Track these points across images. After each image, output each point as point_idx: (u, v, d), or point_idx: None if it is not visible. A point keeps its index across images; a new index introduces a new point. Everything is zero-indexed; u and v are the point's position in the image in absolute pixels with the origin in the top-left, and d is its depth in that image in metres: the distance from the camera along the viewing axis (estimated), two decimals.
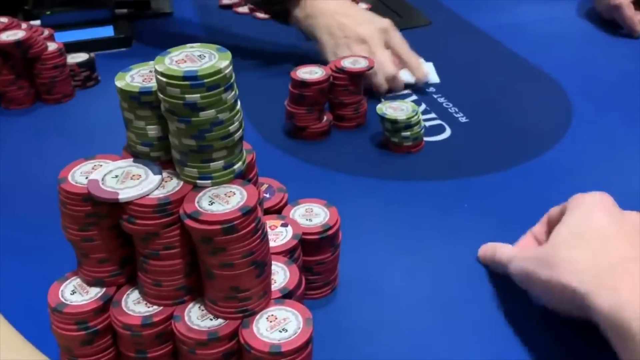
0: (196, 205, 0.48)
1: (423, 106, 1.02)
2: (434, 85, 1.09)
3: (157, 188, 0.49)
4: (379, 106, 0.89)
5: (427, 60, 1.13)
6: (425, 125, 0.92)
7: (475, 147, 0.92)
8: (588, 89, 1.06)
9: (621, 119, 0.98)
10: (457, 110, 1.01)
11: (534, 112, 1.00)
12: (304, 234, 0.62)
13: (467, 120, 0.98)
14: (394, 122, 0.87)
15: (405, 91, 1.06)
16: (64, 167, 0.53)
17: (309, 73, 0.90)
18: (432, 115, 1.00)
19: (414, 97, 1.05)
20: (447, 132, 0.95)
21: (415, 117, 0.88)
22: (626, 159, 0.88)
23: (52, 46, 1.03)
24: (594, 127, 0.96)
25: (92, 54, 1.11)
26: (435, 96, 1.06)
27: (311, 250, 0.63)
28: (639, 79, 1.09)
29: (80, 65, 1.08)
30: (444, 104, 1.03)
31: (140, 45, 1.26)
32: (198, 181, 0.50)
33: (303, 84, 0.88)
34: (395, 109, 0.88)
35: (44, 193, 0.76)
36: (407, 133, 0.87)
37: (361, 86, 0.94)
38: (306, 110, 0.91)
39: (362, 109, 0.96)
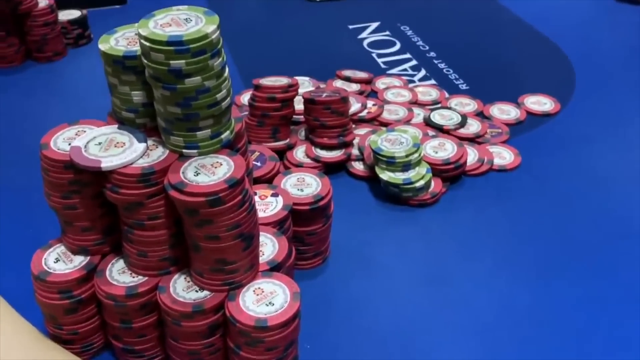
0: (181, 175, 0.46)
1: (423, 72, 1.00)
2: (434, 50, 1.06)
3: (141, 157, 0.48)
4: (372, 138, 0.76)
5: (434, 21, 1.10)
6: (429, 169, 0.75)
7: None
8: (592, 57, 1.03)
9: (624, 87, 0.95)
10: (457, 76, 0.99)
11: (536, 81, 0.98)
12: (295, 204, 0.61)
13: (467, 87, 0.96)
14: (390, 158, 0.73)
15: (405, 55, 1.04)
16: (51, 128, 0.51)
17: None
18: (432, 81, 0.97)
19: (414, 61, 1.03)
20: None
21: (416, 153, 0.73)
22: (629, 128, 0.86)
23: (42, 2, 1.00)
24: (596, 96, 0.93)
25: (85, 11, 1.08)
26: (435, 62, 1.03)
27: (302, 221, 0.62)
28: None
29: (72, 22, 1.06)
30: (444, 70, 1.00)
31: (136, 1, 1.22)
32: (184, 150, 0.48)
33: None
34: (393, 142, 0.74)
35: (30, 156, 0.74)
36: (409, 193, 0.73)
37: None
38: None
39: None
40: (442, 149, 0.76)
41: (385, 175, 0.72)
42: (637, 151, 0.82)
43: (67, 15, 1.06)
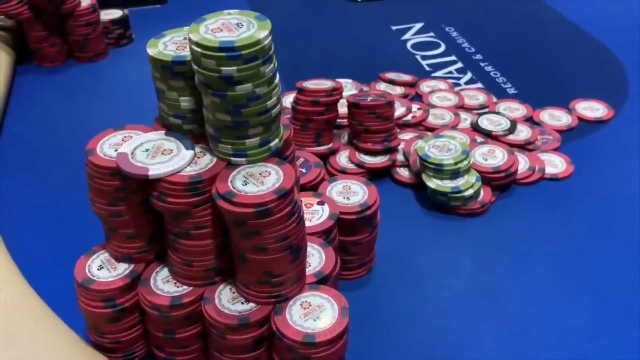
0: (229, 185, 0.45)
1: (469, 75, 0.97)
2: (480, 52, 1.03)
3: (189, 164, 0.46)
4: (419, 144, 0.74)
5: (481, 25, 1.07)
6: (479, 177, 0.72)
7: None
8: None
9: None
10: (505, 80, 0.96)
11: (588, 86, 0.94)
12: (341, 213, 0.59)
13: (515, 91, 0.93)
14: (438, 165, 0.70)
15: (450, 57, 1.01)
16: (94, 130, 0.50)
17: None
18: (479, 85, 0.95)
19: (460, 64, 1.00)
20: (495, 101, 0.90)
21: (466, 161, 0.71)
22: None
23: (85, 2, 1.00)
24: None
25: (126, 11, 1.08)
26: (482, 64, 1.00)
27: (348, 230, 0.60)
28: None
29: (113, 22, 1.05)
30: (492, 73, 0.98)
31: (176, 1, 1.22)
32: (232, 158, 0.47)
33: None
34: (441, 149, 0.72)
35: (74, 157, 0.74)
36: (457, 202, 0.70)
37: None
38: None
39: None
40: (492, 156, 0.74)
41: (433, 183, 0.70)
42: None
43: (109, 15, 1.06)
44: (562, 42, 1.07)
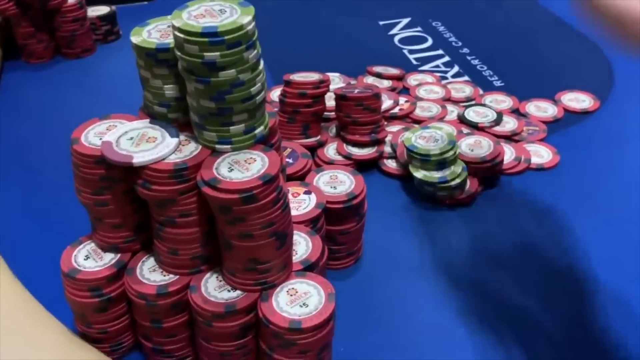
0: (214, 171, 0.45)
1: (456, 68, 0.97)
2: (467, 46, 1.04)
3: (173, 152, 0.46)
4: (406, 135, 0.74)
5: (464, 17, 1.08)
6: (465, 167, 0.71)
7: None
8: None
9: None
10: (491, 73, 0.96)
11: (573, 78, 0.95)
12: (328, 202, 0.59)
13: (502, 84, 0.94)
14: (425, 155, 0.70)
15: (437, 51, 1.02)
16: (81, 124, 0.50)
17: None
18: (466, 78, 0.95)
19: (447, 58, 1.00)
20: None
21: (452, 151, 0.70)
22: None
23: None
24: (636, 93, 0.90)
25: (114, 7, 1.08)
26: (469, 58, 1.01)
27: (335, 220, 0.60)
28: None
29: (101, 18, 1.05)
30: (478, 67, 0.98)
31: None
32: (217, 146, 0.47)
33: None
34: (427, 140, 0.72)
35: (61, 151, 0.73)
36: (445, 192, 0.70)
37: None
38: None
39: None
40: (478, 147, 0.74)
41: (420, 174, 0.70)
42: None
43: (96, 11, 1.06)
44: (547, 35, 1.08)
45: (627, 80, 0.93)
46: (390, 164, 0.77)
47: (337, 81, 0.90)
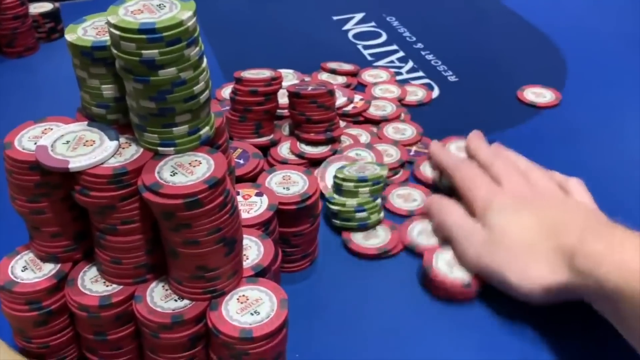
0: (156, 176, 0.43)
1: (410, 64, 0.96)
2: (421, 41, 1.03)
3: (112, 156, 0.44)
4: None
5: None
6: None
7: (465, 108, 0.87)
8: (582, 47, 1.01)
9: (617, 79, 0.93)
10: (446, 68, 0.96)
11: (526, 71, 0.95)
12: (281, 203, 0.57)
13: (456, 79, 0.93)
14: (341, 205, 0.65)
15: (391, 47, 1.01)
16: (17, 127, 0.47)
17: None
18: (420, 73, 0.94)
19: (401, 53, 0.99)
20: (436, 92, 0.90)
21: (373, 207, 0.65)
22: (623, 121, 0.84)
23: None
24: (588, 87, 0.91)
25: (57, 4, 1.03)
26: (423, 53, 1.00)
27: (289, 221, 0.59)
28: (637, 36, 1.04)
29: (44, 15, 1.01)
30: (432, 62, 0.97)
31: None
32: (159, 148, 0.44)
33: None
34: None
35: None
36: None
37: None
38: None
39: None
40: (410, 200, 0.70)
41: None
42: (634, 140, 0.79)
43: (38, 8, 1.01)
44: (502, 30, 1.08)
45: (581, 75, 0.94)
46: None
47: (290, 78, 0.88)
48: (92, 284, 0.48)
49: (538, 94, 0.88)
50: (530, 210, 0.58)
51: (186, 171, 0.43)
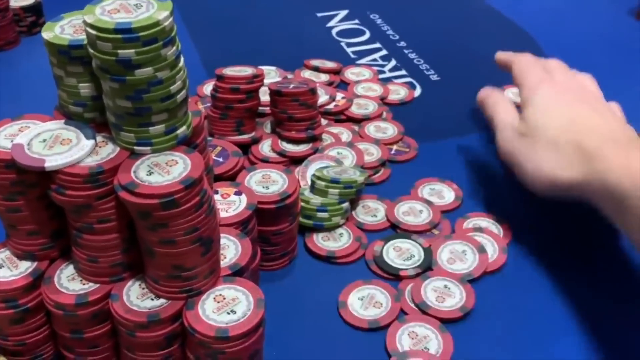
0: (132, 175, 0.43)
1: (393, 62, 0.97)
2: (404, 39, 1.03)
3: (89, 155, 0.44)
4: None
5: None
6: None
7: (447, 107, 0.87)
8: (564, 46, 1.01)
9: (598, 77, 0.93)
10: (428, 67, 0.96)
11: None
12: (260, 202, 0.57)
13: (438, 78, 0.93)
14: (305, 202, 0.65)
15: (375, 44, 1.01)
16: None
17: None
18: (402, 72, 0.94)
19: (384, 51, 0.99)
20: (418, 91, 0.90)
21: (335, 209, 0.64)
22: None
23: None
24: None
25: None
26: (405, 51, 1.00)
27: (268, 220, 0.59)
28: (615, 35, 1.05)
29: (25, 9, 1.00)
30: (415, 60, 0.98)
31: None
32: (136, 147, 0.44)
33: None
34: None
35: None
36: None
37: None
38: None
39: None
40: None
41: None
42: None
43: (20, 1, 1.00)
44: (485, 29, 1.08)
45: None
46: None
47: (273, 75, 0.88)
48: (68, 282, 0.48)
49: (517, 94, 0.88)
50: (569, 106, 0.63)
51: (162, 171, 0.43)
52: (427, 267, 0.61)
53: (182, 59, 0.44)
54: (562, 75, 0.69)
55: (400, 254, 0.62)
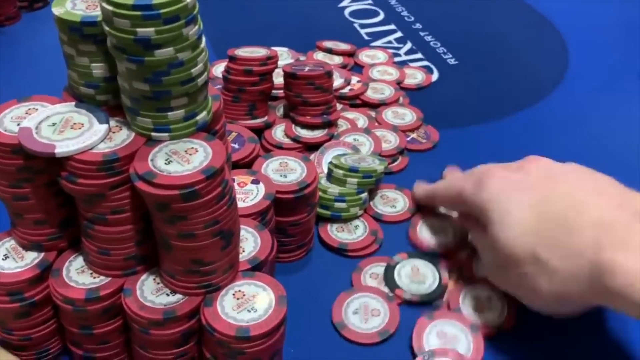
0: (150, 164, 0.40)
1: (409, 45, 0.93)
2: (420, 21, 1.00)
3: (102, 140, 0.41)
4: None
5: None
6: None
7: (464, 92, 0.84)
8: (584, 30, 0.98)
9: (619, 65, 0.90)
10: (445, 50, 0.93)
11: (528, 56, 0.92)
12: (278, 192, 0.54)
13: (456, 62, 0.90)
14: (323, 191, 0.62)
15: (389, 26, 0.97)
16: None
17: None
18: (419, 55, 0.91)
19: (399, 33, 0.96)
20: (435, 75, 0.87)
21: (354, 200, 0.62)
22: (624, 107, 0.82)
23: None
24: (591, 73, 0.88)
25: None
26: (422, 34, 0.97)
27: (285, 210, 0.56)
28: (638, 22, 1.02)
29: None
30: (432, 43, 0.94)
31: None
32: (153, 134, 0.41)
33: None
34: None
35: None
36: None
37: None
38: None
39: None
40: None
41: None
42: (634, 126, 0.78)
43: None
44: (502, 13, 1.05)
45: (582, 59, 0.91)
46: None
47: (285, 56, 0.85)
48: (78, 275, 0.45)
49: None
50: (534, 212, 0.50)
51: (182, 159, 0.40)
52: (427, 301, 0.56)
53: (203, 40, 0.41)
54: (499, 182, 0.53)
55: (414, 275, 0.58)
